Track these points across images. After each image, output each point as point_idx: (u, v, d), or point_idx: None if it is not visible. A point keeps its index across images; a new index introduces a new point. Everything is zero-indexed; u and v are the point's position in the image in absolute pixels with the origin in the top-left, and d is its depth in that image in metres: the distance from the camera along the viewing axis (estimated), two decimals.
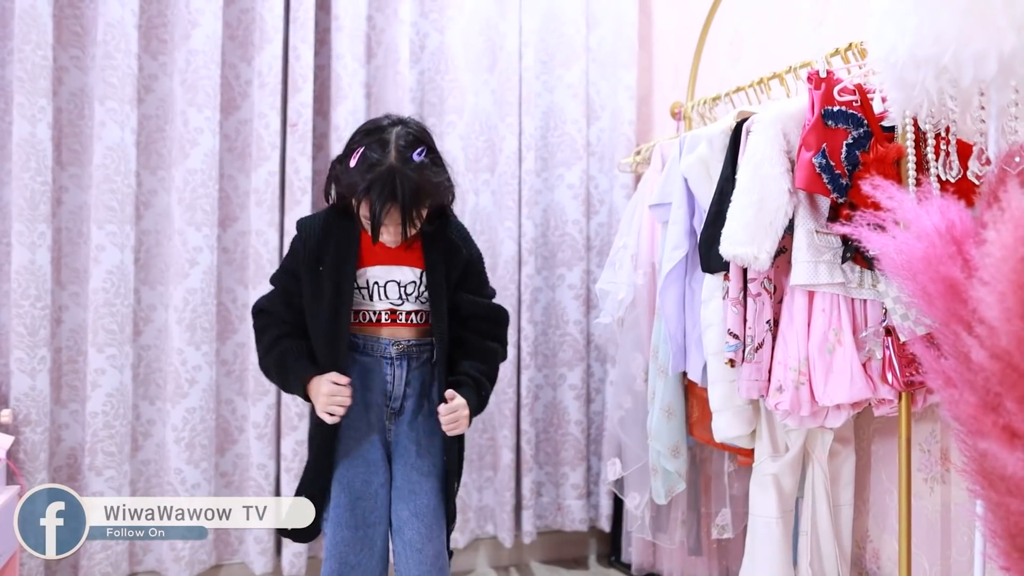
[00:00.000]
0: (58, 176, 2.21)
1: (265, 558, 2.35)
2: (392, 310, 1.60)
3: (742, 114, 1.66)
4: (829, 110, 1.45)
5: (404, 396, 1.59)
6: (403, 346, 1.59)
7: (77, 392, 2.25)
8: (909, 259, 1.12)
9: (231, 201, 2.42)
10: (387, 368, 1.59)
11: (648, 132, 2.85)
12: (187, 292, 2.27)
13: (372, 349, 1.59)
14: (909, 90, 1.18)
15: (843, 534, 1.71)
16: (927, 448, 1.64)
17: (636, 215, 2.21)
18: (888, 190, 1.24)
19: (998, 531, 1.02)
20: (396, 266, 1.60)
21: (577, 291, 2.69)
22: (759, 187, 1.48)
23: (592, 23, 2.76)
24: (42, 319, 2.11)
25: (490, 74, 2.67)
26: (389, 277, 1.60)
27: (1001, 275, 0.94)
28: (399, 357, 1.59)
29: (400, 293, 1.60)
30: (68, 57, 2.23)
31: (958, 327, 1.04)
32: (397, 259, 1.60)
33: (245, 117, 2.42)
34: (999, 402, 0.97)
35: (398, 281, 1.60)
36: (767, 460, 1.67)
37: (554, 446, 2.71)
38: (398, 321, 1.60)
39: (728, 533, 2.00)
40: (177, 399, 2.27)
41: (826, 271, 1.48)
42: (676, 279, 1.87)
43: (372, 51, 2.56)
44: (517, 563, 2.73)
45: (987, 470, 1.00)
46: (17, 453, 2.07)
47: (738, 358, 1.59)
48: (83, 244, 2.24)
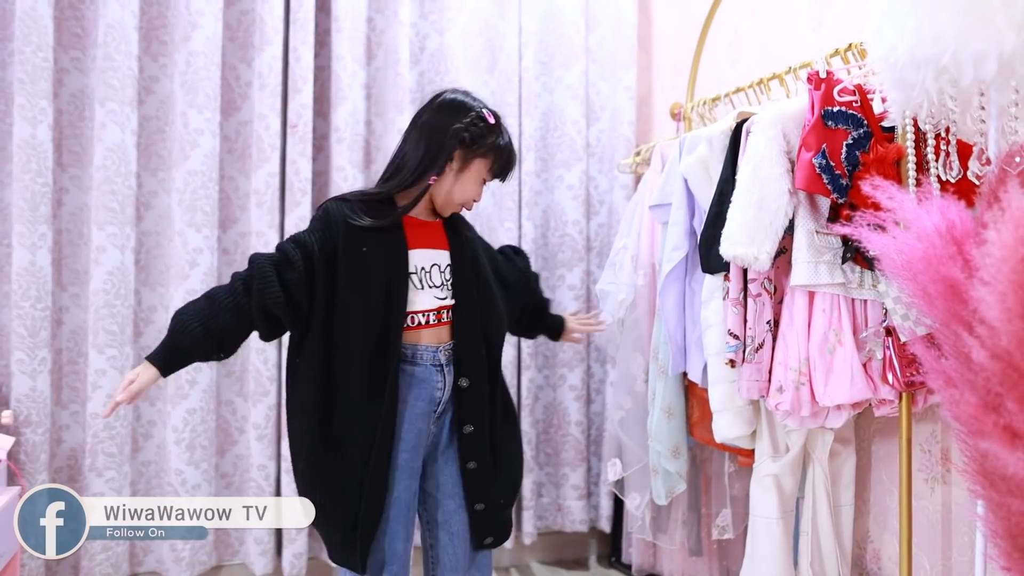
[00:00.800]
0: (59, 178, 2.21)
1: (265, 559, 2.35)
2: (438, 310, 1.57)
3: (742, 115, 1.66)
4: (829, 110, 1.45)
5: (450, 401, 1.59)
6: (448, 351, 1.58)
7: (78, 393, 2.25)
8: (909, 259, 1.12)
9: (231, 202, 2.42)
10: (437, 376, 1.57)
11: (648, 133, 2.85)
12: (187, 293, 2.27)
13: (421, 357, 1.56)
14: (909, 90, 1.18)
15: (844, 534, 1.71)
16: (928, 448, 1.64)
17: (636, 216, 2.22)
18: (888, 190, 1.24)
19: (999, 531, 1.02)
20: (433, 249, 1.59)
21: (577, 292, 2.69)
22: (759, 188, 1.48)
23: (591, 24, 2.76)
24: (43, 320, 2.11)
25: (490, 75, 2.67)
26: (433, 260, 1.58)
27: (1001, 275, 0.94)
28: (447, 363, 1.58)
29: (441, 279, 1.58)
30: (69, 59, 2.23)
31: (959, 327, 1.04)
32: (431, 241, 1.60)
33: (245, 118, 2.42)
34: (1000, 402, 0.97)
35: (439, 264, 1.59)
36: (768, 460, 1.67)
37: (554, 447, 2.71)
38: (443, 320, 1.58)
39: (728, 534, 2.00)
40: (177, 400, 2.27)
41: (826, 271, 1.48)
42: (676, 280, 1.87)
43: (372, 52, 2.56)
44: (517, 564, 2.73)
45: (988, 470, 1.00)
46: (18, 454, 2.07)
47: (738, 358, 1.59)
48: (84, 245, 2.24)
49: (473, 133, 1.54)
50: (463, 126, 1.53)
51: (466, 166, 1.56)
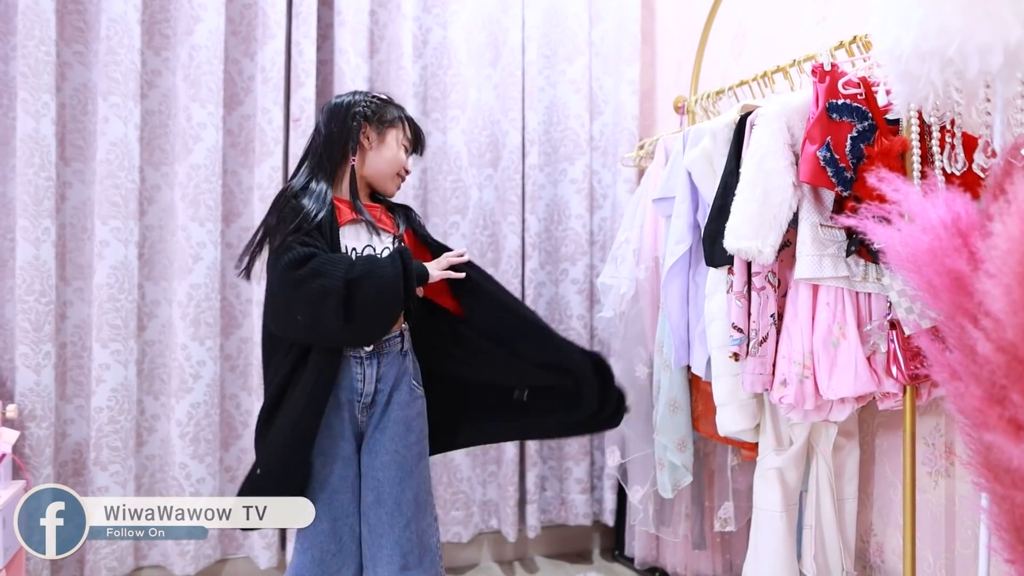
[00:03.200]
0: (62, 172, 2.22)
1: (270, 552, 2.36)
2: None
3: (746, 108, 1.66)
4: (833, 103, 1.44)
5: (376, 391, 1.58)
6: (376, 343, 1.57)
7: (82, 387, 2.25)
8: (914, 252, 1.12)
9: (234, 196, 2.42)
10: (356, 367, 1.56)
11: (651, 127, 2.85)
12: (191, 287, 2.27)
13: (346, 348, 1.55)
14: (914, 83, 1.18)
15: (847, 528, 1.71)
16: (931, 442, 1.64)
17: (639, 209, 2.21)
18: (893, 183, 1.23)
19: (1003, 524, 1.02)
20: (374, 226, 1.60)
21: (580, 286, 2.69)
22: (763, 181, 1.48)
23: (595, 18, 2.75)
24: (46, 315, 2.11)
25: (493, 69, 2.67)
26: (367, 242, 1.59)
27: (1007, 267, 0.93)
28: (369, 357, 1.57)
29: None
30: (71, 53, 2.23)
31: (963, 320, 1.03)
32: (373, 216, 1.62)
33: (248, 112, 2.42)
34: (1005, 395, 0.96)
35: (374, 247, 1.58)
36: (771, 454, 1.67)
37: (558, 441, 2.71)
38: None
39: (731, 527, 2.00)
40: (181, 394, 2.27)
41: (830, 265, 1.47)
42: (679, 273, 1.86)
43: (375, 46, 2.56)
44: (521, 557, 2.73)
45: (992, 463, 1.00)
46: (23, 448, 2.07)
47: (742, 352, 1.58)
48: (87, 240, 2.24)
49: (372, 108, 1.63)
50: (360, 106, 1.62)
51: (382, 138, 1.65)
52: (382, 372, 1.58)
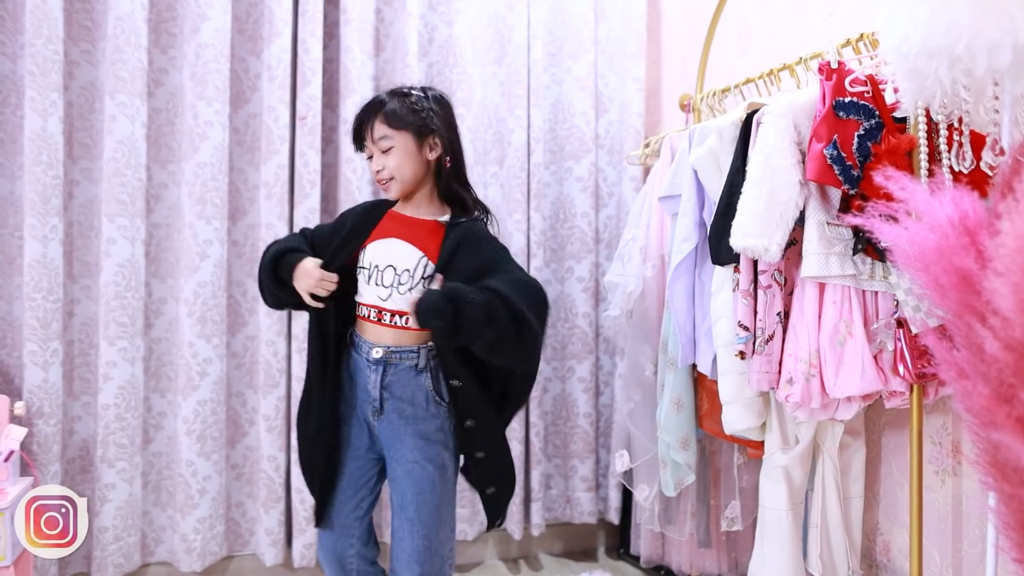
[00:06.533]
0: (69, 170, 2.23)
1: (276, 550, 2.36)
2: (379, 308, 1.59)
3: (752, 105, 1.65)
4: (840, 101, 1.44)
5: (382, 399, 1.60)
6: (383, 351, 1.59)
7: (89, 385, 2.26)
8: (922, 250, 1.11)
9: (241, 194, 2.42)
10: (367, 370, 1.61)
11: (657, 124, 2.84)
12: (197, 285, 2.28)
13: (360, 349, 1.63)
14: (922, 80, 1.17)
15: (853, 527, 1.70)
16: (938, 441, 1.64)
17: (645, 207, 2.21)
18: (900, 181, 1.22)
19: (1011, 523, 1.01)
20: (401, 241, 1.61)
21: (586, 284, 2.69)
22: (770, 179, 1.47)
23: (600, 15, 2.75)
24: (54, 312, 2.12)
25: (498, 67, 2.67)
26: (389, 261, 1.60)
27: (1015, 266, 0.93)
28: (376, 364, 1.59)
29: (394, 281, 1.59)
30: (79, 51, 2.24)
31: (971, 318, 1.03)
32: (407, 235, 1.62)
33: (254, 111, 2.42)
34: (1013, 393, 0.96)
35: (394, 266, 1.59)
36: (777, 452, 1.67)
37: (563, 439, 2.71)
38: (383, 322, 1.59)
39: (737, 525, 2.00)
40: (188, 392, 2.28)
41: (837, 263, 1.47)
42: (685, 271, 1.86)
43: (381, 44, 2.56)
44: (526, 555, 2.74)
45: (1000, 462, 1.00)
46: (31, 445, 2.08)
47: (748, 350, 1.58)
48: (94, 238, 2.25)
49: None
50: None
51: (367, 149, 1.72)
52: (388, 381, 1.59)
